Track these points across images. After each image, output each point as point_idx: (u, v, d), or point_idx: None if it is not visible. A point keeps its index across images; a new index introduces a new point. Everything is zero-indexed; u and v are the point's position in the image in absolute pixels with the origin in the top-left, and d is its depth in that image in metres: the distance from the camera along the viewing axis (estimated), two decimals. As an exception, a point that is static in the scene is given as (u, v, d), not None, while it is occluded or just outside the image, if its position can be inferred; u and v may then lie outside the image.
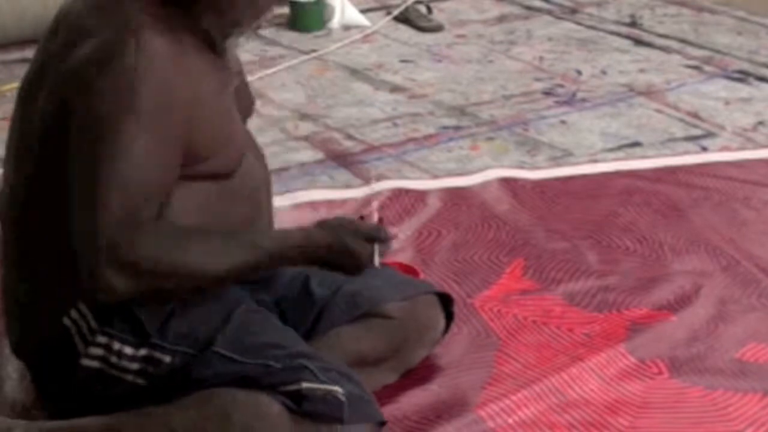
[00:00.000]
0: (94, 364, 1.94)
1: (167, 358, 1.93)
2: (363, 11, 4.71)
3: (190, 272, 1.84)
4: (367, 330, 2.19)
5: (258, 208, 2.06)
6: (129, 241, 1.77)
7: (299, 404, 1.90)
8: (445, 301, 2.31)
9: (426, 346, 2.29)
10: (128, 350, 1.93)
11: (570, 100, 3.85)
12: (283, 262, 2.00)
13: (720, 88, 3.99)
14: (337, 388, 1.92)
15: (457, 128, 3.61)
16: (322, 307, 2.19)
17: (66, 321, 1.94)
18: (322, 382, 1.91)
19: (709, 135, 3.57)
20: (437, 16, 4.69)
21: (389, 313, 2.20)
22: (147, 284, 1.81)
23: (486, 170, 3.24)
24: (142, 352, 1.93)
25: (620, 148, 3.47)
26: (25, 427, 1.93)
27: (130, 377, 1.94)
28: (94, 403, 1.98)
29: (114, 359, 1.93)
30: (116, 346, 1.93)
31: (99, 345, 1.94)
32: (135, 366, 1.93)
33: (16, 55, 4.18)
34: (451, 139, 3.53)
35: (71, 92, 1.83)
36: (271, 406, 1.89)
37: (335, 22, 4.57)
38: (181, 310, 1.95)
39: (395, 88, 3.93)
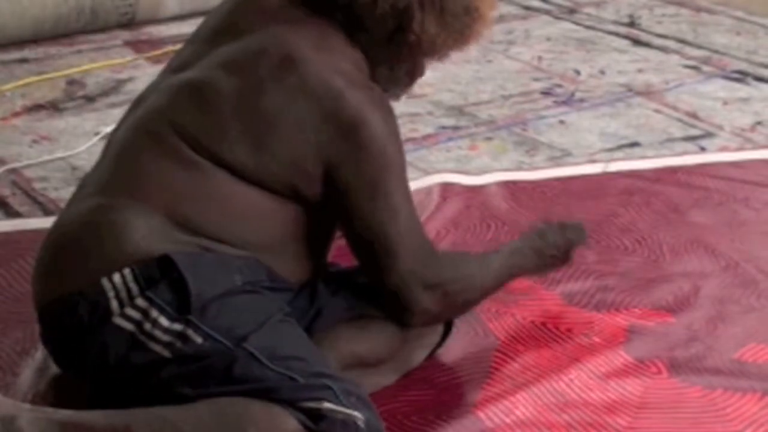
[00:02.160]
0: (128, 326, 1.94)
1: (199, 339, 1.93)
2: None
3: (475, 283, 2.19)
4: (366, 331, 2.19)
5: None
6: (431, 270, 2.10)
7: (316, 423, 1.89)
8: None
9: (425, 347, 2.29)
10: (164, 321, 1.93)
11: (568, 100, 3.86)
12: (516, 270, 2.30)
13: (718, 88, 3.99)
14: (357, 414, 1.92)
15: (455, 128, 3.62)
16: (321, 305, 2.19)
17: (105, 283, 1.94)
18: (344, 406, 1.91)
19: (707, 135, 3.57)
20: (436, 16, 4.69)
21: None
22: (450, 299, 2.13)
23: (484, 174, 3.23)
24: (177, 326, 1.93)
25: (619, 148, 3.47)
26: (31, 416, 1.92)
27: (157, 347, 1.93)
28: (108, 375, 1.98)
29: (148, 326, 1.93)
30: (154, 313, 1.93)
31: (137, 308, 1.94)
32: (166, 338, 1.93)
33: (15, 55, 4.19)
34: (450, 139, 3.53)
35: (335, 149, 2.03)
36: (287, 421, 1.89)
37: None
38: (225, 299, 1.96)
39: (394, 88, 3.93)
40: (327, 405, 1.90)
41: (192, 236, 1.99)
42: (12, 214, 3.01)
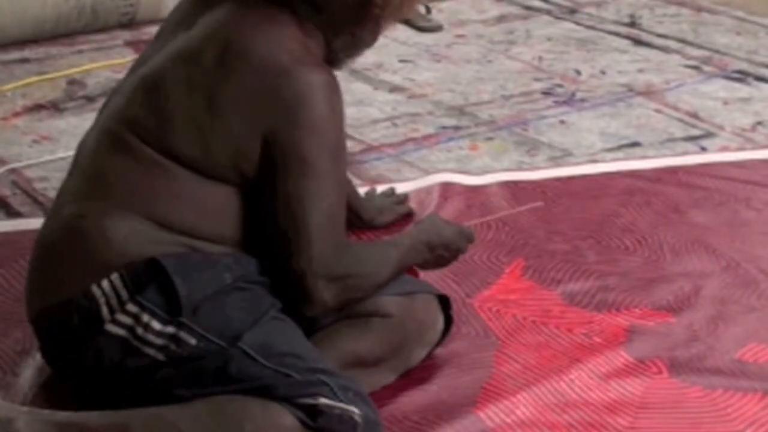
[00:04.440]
0: (120, 332, 1.94)
1: (193, 341, 1.93)
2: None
3: (373, 280, 2.12)
4: (365, 329, 2.19)
5: None
6: (338, 262, 2.04)
7: (313, 419, 1.90)
8: (444, 304, 2.31)
9: (425, 345, 2.29)
10: (156, 325, 1.93)
11: (569, 100, 3.85)
12: (407, 264, 2.22)
13: (719, 88, 3.99)
14: (354, 409, 1.93)
15: (456, 128, 3.61)
16: None
17: (95, 290, 1.95)
18: (340, 401, 1.92)
19: (708, 135, 3.57)
20: (436, 16, 4.70)
21: (388, 311, 2.20)
22: (348, 294, 2.07)
23: (485, 174, 3.23)
24: (170, 329, 1.93)
25: (619, 148, 3.47)
26: (28, 418, 1.93)
27: (151, 351, 1.94)
28: (104, 380, 1.98)
29: (140, 331, 1.94)
30: (145, 318, 1.93)
31: (128, 314, 1.94)
32: (159, 341, 1.94)
33: (15, 55, 4.18)
34: (450, 139, 3.53)
35: (274, 123, 2.01)
36: (284, 418, 1.90)
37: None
38: (217, 299, 1.96)
39: (394, 88, 3.94)
40: (323, 401, 1.91)
41: (173, 234, 2.00)
42: (13, 214, 3.01)
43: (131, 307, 1.94)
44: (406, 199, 2.98)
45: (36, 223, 2.88)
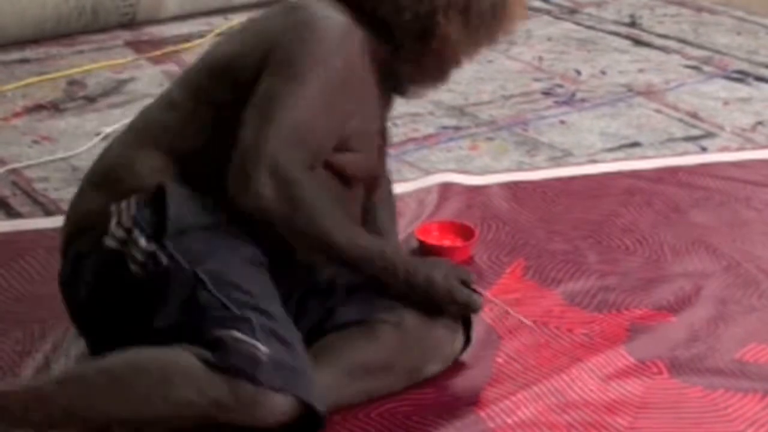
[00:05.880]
0: (114, 244, 2.02)
1: (165, 261, 1.98)
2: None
3: (319, 225, 2.00)
4: (373, 338, 2.16)
5: None
6: (290, 162, 1.96)
7: (215, 353, 1.87)
8: (465, 323, 2.28)
9: (440, 362, 2.25)
10: (142, 242, 2.00)
11: (569, 100, 3.85)
12: (387, 272, 2.10)
13: (719, 88, 3.99)
14: (261, 347, 1.87)
15: (456, 128, 3.62)
16: (334, 304, 2.18)
17: (112, 207, 2.04)
18: (255, 339, 1.88)
19: (708, 135, 3.57)
20: (437, 16, 4.69)
21: (398, 321, 2.18)
22: (285, 209, 1.97)
23: (485, 174, 3.23)
24: (150, 247, 1.99)
25: (620, 148, 3.47)
26: None
27: (134, 267, 2.00)
28: (102, 300, 2.06)
29: (131, 246, 2.00)
30: (135, 233, 2.00)
31: (123, 228, 2.02)
32: (141, 258, 2.00)
33: (15, 55, 4.19)
34: (450, 139, 3.53)
35: (280, 37, 2.06)
36: (188, 359, 1.88)
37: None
38: (205, 233, 2.01)
39: (395, 88, 3.93)
40: (235, 334, 1.89)
41: (198, 177, 2.05)
42: (13, 214, 3.01)
43: (126, 221, 2.02)
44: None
45: (36, 223, 2.89)
